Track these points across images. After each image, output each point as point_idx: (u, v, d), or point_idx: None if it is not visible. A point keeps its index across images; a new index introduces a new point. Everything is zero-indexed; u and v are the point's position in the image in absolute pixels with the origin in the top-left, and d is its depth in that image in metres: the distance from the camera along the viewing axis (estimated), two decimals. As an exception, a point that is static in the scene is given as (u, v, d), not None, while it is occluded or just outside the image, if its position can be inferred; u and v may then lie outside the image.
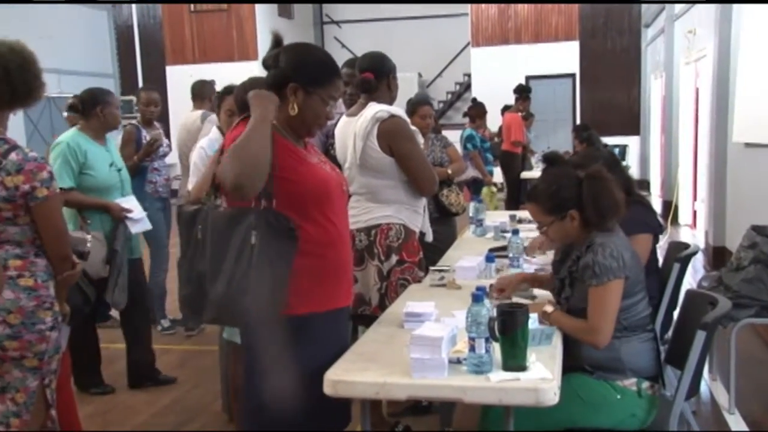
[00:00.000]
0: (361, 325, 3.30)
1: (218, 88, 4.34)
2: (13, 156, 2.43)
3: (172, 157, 5.85)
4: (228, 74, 7.22)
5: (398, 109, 3.40)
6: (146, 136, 5.40)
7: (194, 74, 13.17)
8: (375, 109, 3.26)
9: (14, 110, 2.55)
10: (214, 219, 2.26)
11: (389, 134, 3.24)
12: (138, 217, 4.20)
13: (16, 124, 3.35)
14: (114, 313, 5.23)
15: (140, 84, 14.77)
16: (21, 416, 2.52)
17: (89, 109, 4.17)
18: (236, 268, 2.14)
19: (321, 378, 2.17)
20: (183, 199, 4.49)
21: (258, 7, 15.17)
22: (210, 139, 4.06)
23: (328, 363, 2.23)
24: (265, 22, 15.21)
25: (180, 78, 14.85)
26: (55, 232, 2.54)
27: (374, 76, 3.35)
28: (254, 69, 14.42)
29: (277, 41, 2.36)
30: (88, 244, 3.55)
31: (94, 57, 15.38)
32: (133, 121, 5.60)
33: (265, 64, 2.34)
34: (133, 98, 4.69)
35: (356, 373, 2.17)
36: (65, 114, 5.30)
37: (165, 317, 5.64)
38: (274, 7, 15.83)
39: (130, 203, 4.20)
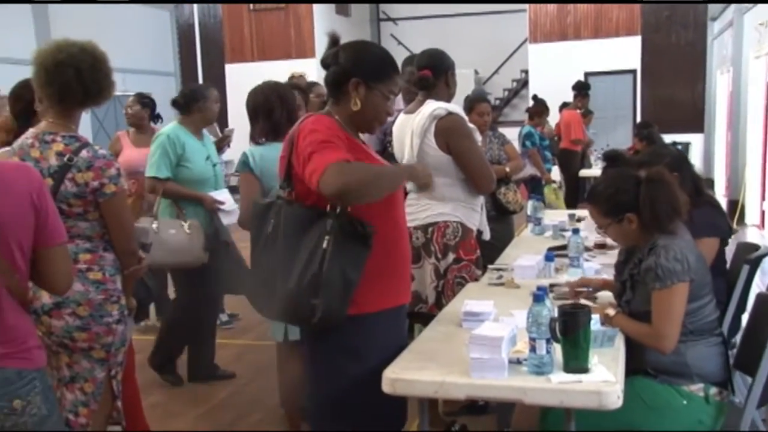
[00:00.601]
0: (417, 324, 3.30)
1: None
2: (84, 153, 2.50)
3: (229, 154, 5.93)
4: (286, 72, 7.29)
5: (456, 106, 3.39)
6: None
7: (253, 72, 13.45)
8: (433, 107, 3.25)
9: (86, 109, 2.63)
10: (288, 216, 2.24)
11: (447, 132, 3.23)
12: (230, 209, 4.28)
13: (83, 121, 3.49)
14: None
15: (200, 82, 15.05)
16: (89, 406, 2.59)
17: (189, 104, 4.30)
18: (306, 269, 2.16)
19: (380, 376, 2.17)
20: None
21: (316, 5, 15.27)
22: None
23: (387, 361, 2.24)
24: (322, 20, 15.31)
25: (239, 76, 15.09)
26: (122, 227, 2.60)
27: (432, 73, 3.35)
28: (312, 66, 14.49)
29: (334, 41, 2.37)
30: (150, 236, 3.63)
31: (156, 56, 15.70)
32: None
33: (324, 63, 2.36)
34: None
35: (414, 372, 2.17)
36: (129, 111, 5.42)
37: (224, 311, 5.73)
38: (332, 5, 15.93)
39: (223, 195, 4.29)
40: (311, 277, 2.14)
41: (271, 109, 3.47)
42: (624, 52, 14.49)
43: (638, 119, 13.68)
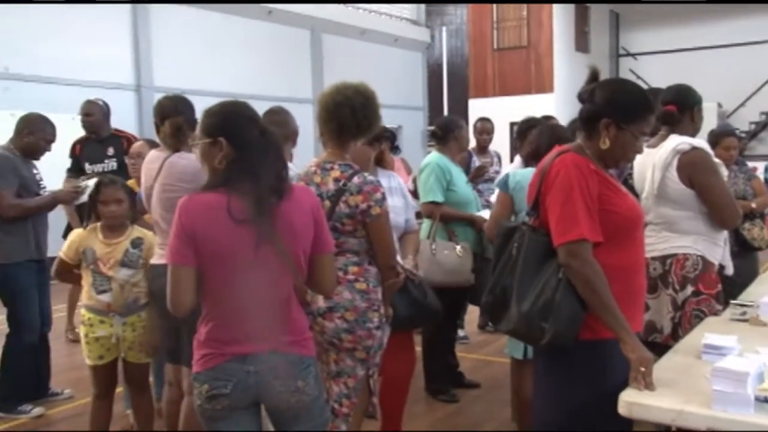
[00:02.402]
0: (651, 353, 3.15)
1: (513, 119, 4.42)
2: (355, 179, 2.73)
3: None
4: (524, 106, 7.34)
5: (701, 141, 3.21)
6: (476, 161, 5.68)
7: (494, 106, 13.65)
8: (676, 141, 3.12)
9: (356, 141, 2.87)
10: (531, 243, 2.26)
11: (690, 166, 3.08)
12: None
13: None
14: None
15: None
16: (351, 398, 2.81)
17: (447, 135, 4.50)
18: (542, 294, 2.18)
19: (610, 401, 2.11)
20: None
21: (556, 42, 15.14)
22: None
23: (617, 387, 2.16)
24: (562, 56, 15.14)
25: (480, 110, 15.41)
26: (384, 244, 2.80)
27: (677, 108, 3.21)
28: (550, 101, 14.42)
29: (594, 76, 2.34)
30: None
31: (408, 92, 16.57)
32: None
33: (581, 98, 2.33)
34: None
35: (652, 398, 2.09)
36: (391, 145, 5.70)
37: (462, 327, 5.83)
38: (571, 42, 15.69)
39: (488, 216, 4.38)
40: (543, 303, 2.16)
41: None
42: None
43: None
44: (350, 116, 2.73)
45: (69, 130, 6.34)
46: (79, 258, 3.41)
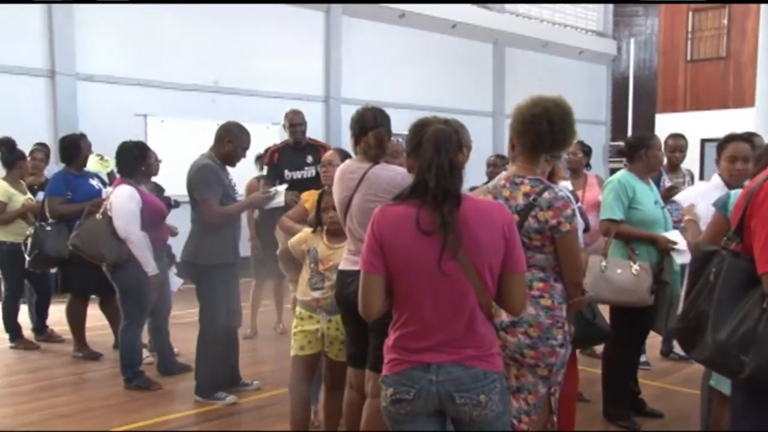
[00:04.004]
0: None
1: (705, 135, 4.13)
2: (546, 195, 2.67)
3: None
4: (719, 122, 6.79)
5: None
6: (666, 179, 5.40)
7: (684, 122, 12.82)
8: None
9: (548, 155, 2.81)
10: (731, 269, 2.12)
11: None
12: (683, 248, 4.12)
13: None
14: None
15: (629, 131, 14.89)
16: (530, 415, 2.75)
17: (635, 152, 4.33)
18: (742, 324, 2.02)
19: None
20: None
21: (761, 52, 13.91)
22: (714, 185, 3.96)
23: None
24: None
25: (668, 125, 14.55)
26: (572, 261, 2.71)
27: None
28: (749, 116, 13.26)
29: None
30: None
31: (590, 106, 16.03)
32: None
33: None
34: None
35: None
36: (571, 156, 5.56)
37: (644, 352, 5.54)
38: (779, 53, 14.37)
39: (675, 236, 4.20)
40: (743, 334, 2.00)
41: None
42: None
43: None
44: (547, 129, 2.67)
45: (264, 138, 6.83)
46: (301, 252, 3.70)
